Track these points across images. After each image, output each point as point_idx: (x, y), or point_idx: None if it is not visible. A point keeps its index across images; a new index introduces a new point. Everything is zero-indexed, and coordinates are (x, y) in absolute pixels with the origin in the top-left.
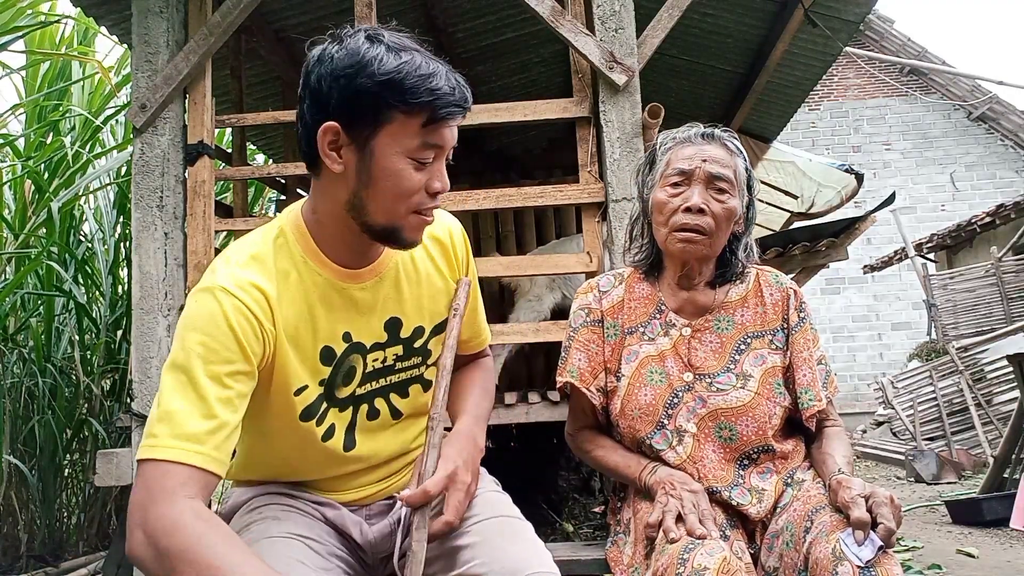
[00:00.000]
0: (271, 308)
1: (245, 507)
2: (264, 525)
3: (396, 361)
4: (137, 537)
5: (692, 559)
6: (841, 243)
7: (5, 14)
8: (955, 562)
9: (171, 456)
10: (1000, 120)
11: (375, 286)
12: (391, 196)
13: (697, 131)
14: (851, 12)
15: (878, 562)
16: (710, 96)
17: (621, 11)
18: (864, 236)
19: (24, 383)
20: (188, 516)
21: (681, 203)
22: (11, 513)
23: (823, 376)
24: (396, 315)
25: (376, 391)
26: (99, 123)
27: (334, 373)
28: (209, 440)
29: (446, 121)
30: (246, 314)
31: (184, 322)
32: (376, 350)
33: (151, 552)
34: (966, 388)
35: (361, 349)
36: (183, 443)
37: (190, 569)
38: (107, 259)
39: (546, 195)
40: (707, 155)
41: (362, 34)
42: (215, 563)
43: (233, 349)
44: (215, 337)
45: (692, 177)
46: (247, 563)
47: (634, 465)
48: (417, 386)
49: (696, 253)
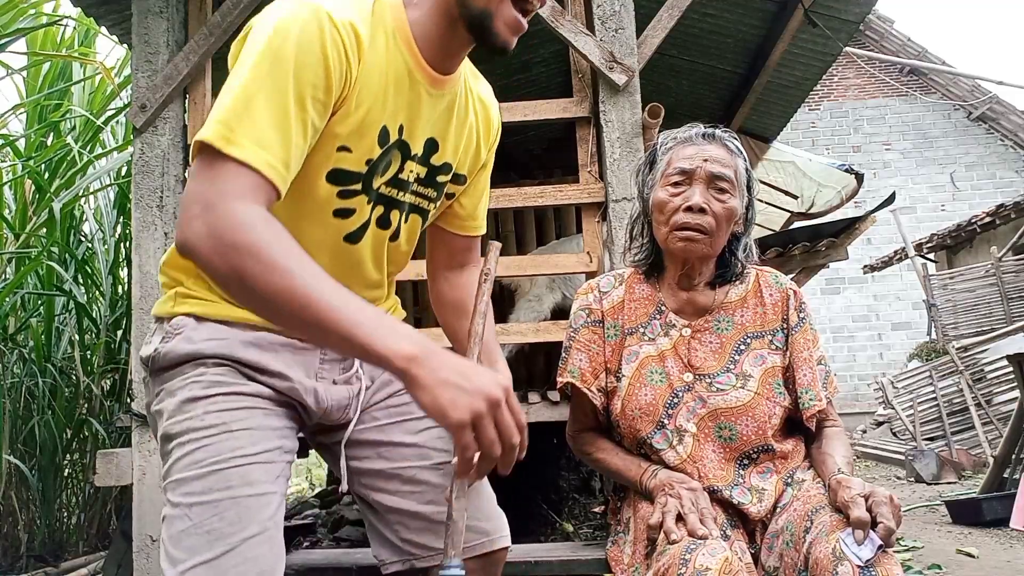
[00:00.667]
0: (360, 56)
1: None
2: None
3: (415, 182)
4: (196, 227)
5: (694, 559)
6: (841, 243)
7: (6, 15)
8: (955, 562)
9: (249, 159)
10: (1000, 120)
11: (438, 98)
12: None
13: (698, 131)
14: (851, 12)
15: (878, 562)
16: (710, 96)
17: (621, 11)
18: (864, 236)
19: (24, 383)
20: (260, 219)
21: (682, 202)
22: (11, 513)
23: (823, 376)
24: (435, 137)
25: (395, 199)
26: (100, 123)
27: (381, 157)
28: (283, 157)
29: None
30: (340, 49)
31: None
32: (413, 161)
33: (212, 243)
34: (966, 388)
35: (405, 148)
36: (263, 152)
37: (259, 267)
38: (107, 259)
39: (546, 195)
40: (708, 155)
41: None
42: (288, 267)
43: (320, 76)
44: (309, 54)
45: (693, 176)
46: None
47: (634, 469)
48: (417, 218)
49: (697, 252)
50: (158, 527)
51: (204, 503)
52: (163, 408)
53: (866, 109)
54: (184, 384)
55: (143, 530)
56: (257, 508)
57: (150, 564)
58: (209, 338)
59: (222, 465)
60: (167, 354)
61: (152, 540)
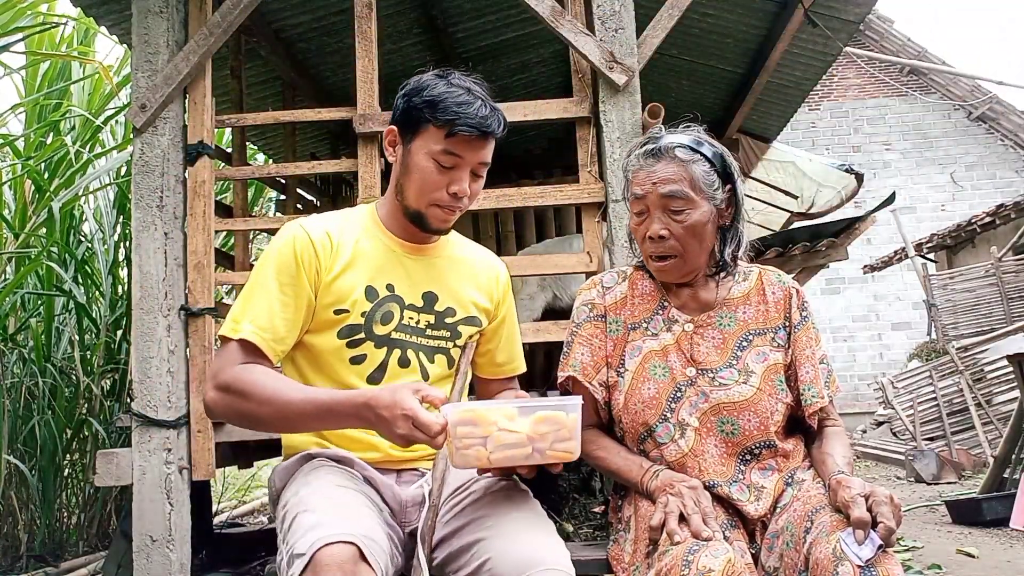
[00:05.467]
0: (331, 244)
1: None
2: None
3: (428, 328)
4: (208, 392)
5: (696, 561)
6: (841, 243)
7: (5, 15)
8: (955, 562)
9: (242, 335)
10: (1000, 120)
11: (425, 262)
12: (417, 185)
13: (647, 149)
14: (851, 12)
15: (878, 561)
16: (710, 96)
17: (621, 11)
18: (864, 236)
19: (24, 383)
20: (245, 370)
21: (645, 231)
22: (11, 513)
23: (825, 375)
24: (433, 291)
25: (410, 343)
26: (99, 123)
27: (374, 309)
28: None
29: (464, 136)
30: (308, 247)
31: (271, 244)
32: (411, 310)
33: (220, 395)
34: (966, 388)
35: (400, 301)
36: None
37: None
38: (107, 259)
39: (546, 195)
40: (657, 176)
41: (435, 72)
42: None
43: (292, 266)
44: (286, 256)
45: (648, 202)
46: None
47: (635, 469)
48: (443, 358)
49: (673, 276)
50: (158, 527)
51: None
52: None
53: (866, 109)
54: None
55: (143, 530)
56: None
57: (150, 564)
58: None
59: None
60: None
61: (152, 540)
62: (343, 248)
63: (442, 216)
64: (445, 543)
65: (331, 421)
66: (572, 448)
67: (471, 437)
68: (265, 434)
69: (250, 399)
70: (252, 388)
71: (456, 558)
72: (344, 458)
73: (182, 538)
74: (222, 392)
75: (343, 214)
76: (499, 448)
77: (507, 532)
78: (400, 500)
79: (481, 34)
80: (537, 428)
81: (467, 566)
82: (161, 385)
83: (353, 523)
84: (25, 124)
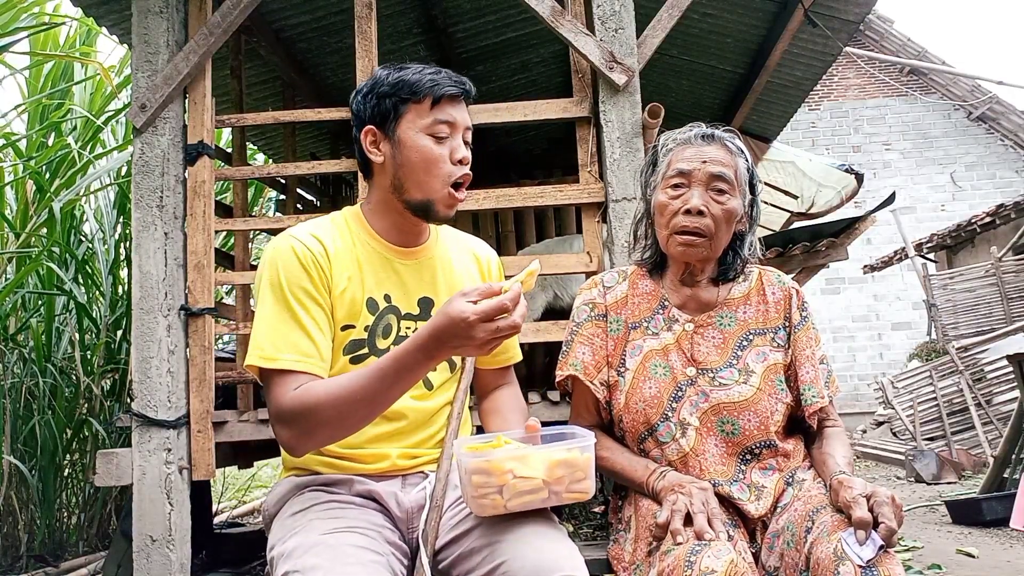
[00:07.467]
0: (328, 255)
1: (287, 509)
2: (316, 524)
3: None
4: (280, 431)
5: (699, 561)
6: (841, 243)
7: (7, 15)
8: (955, 562)
9: (283, 365)
10: (1000, 120)
11: (416, 266)
12: (421, 168)
13: (698, 132)
14: (851, 12)
15: (879, 562)
16: (710, 96)
17: (621, 11)
18: (864, 236)
19: (24, 383)
20: (302, 392)
21: (681, 205)
22: (11, 513)
23: (825, 375)
24: (429, 295)
25: None
26: (100, 123)
27: (376, 323)
28: (303, 347)
29: (449, 100)
30: (309, 255)
31: (263, 264)
32: (408, 319)
33: (288, 428)
34: (966, 388)
35: (396, 312)
36: (290, 353)
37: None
38: (107, 259)
39: (546, 195)
40: (707, 156)
41: (379, 68)
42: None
43: (303, 277)
44: (291, 271)
45: (692, 178)
46: (352, 376)
47: (641, 469)
48: (443, 363)
49: (696, 256)
50: (158, 527)
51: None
52: None
53: (866, 109)
54: None
55: (143, 530)
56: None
57: (150, 564)
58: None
59: None
60: None
61: (152, 540)
62: (340, 258)
63: (452, 200)
64: (456, 543)
65: (409, 378)
66: (587, 488)
67: (487, 487)
68: (265, 434)
69: (319, 411)
70: (316, 401)
71: (468, 558)
72: (336, 481)
73: (182, 538)
74: (288, 424)
75: (327, 221)
76: (515, 496)
77: (523, 536)
78: (405, 507)
79: (481, 34)
80: (553, 472)
81: (481, 567)
82: (161, 385)
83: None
84: (27, 125)
